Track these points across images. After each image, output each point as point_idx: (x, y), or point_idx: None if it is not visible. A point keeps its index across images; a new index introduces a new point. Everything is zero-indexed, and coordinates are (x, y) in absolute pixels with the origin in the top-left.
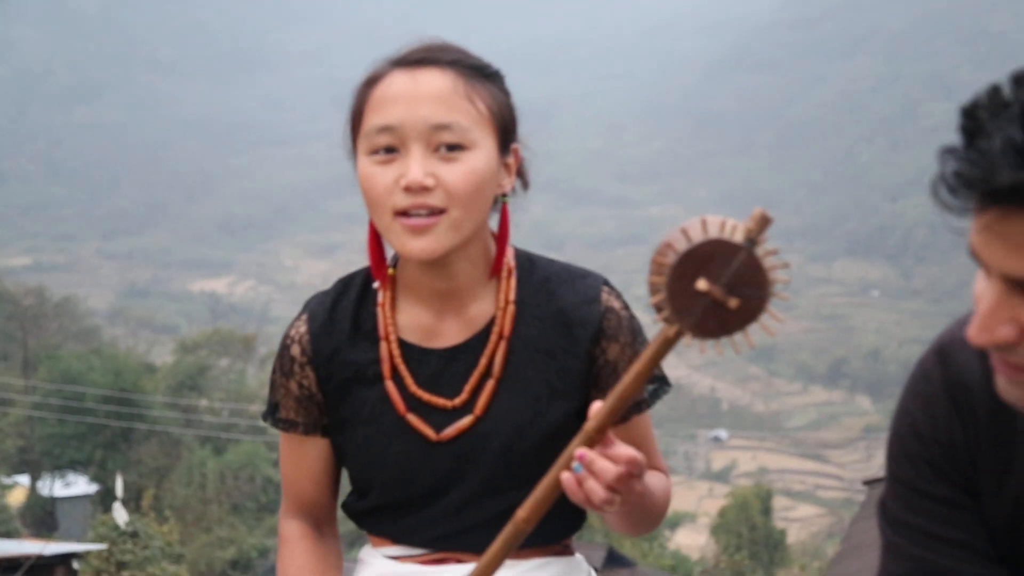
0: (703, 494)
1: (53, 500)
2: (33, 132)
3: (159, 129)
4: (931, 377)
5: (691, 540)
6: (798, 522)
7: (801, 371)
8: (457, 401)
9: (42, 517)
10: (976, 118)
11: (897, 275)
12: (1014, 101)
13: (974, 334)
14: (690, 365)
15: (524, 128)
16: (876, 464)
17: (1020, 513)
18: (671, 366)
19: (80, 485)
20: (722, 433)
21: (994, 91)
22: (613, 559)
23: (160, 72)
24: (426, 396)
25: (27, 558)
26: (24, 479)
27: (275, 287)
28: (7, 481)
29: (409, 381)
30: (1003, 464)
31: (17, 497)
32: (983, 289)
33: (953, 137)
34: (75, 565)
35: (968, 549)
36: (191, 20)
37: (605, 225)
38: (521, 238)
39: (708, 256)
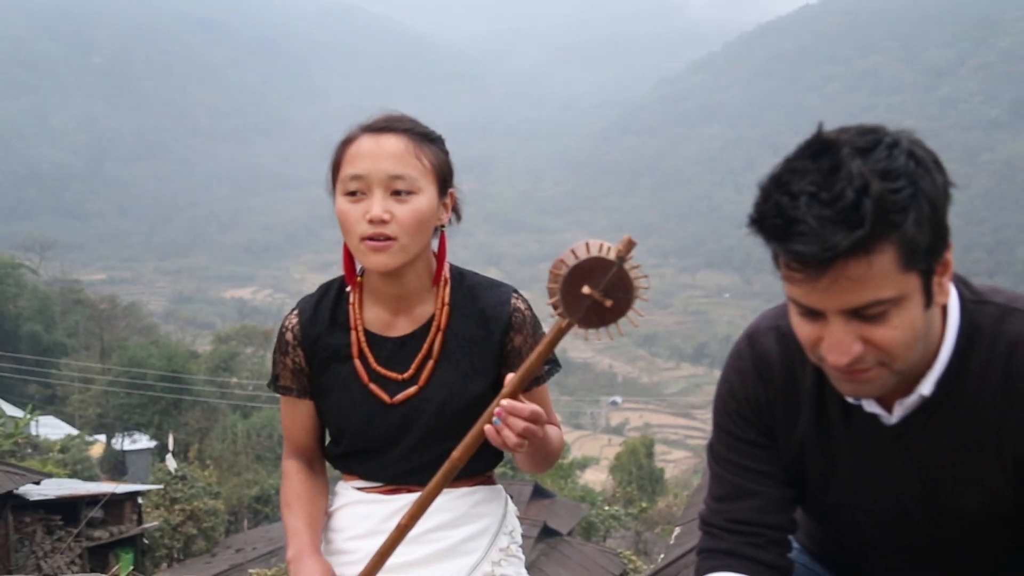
0: (604, 444)
1: (123, 453)
2: (107, 181)
3: (200, 178)
4: (743, 355)
5: (595, 478)
6: (673, 463)
7: (674, 352)
8: (406, 375)
9: (115, 465)
10: (783, 215)
11: (742, 282)
12: (800, 191)
13: (835, 359)
14: (593, 349)
15: (469, 176)
16: None
17: (804, 451)
18: (580, 350)
19: (143, 442)
20: (617, 399)
21: (783, 184)
22: (538, 492)
23: (200, 136)
24: (383, 371)
25: (104, 495)
26: (101, 437)
27: (287, 294)
28: (89, 439)
29: (371, 360)
30: (792, 416)
31: (96, 451)
32: (814, 330)
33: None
34: (140, 500)
35: (768, 476)
36: (223, 96)
37: (530, 247)
38: (469, 256)
39: (590, 269)
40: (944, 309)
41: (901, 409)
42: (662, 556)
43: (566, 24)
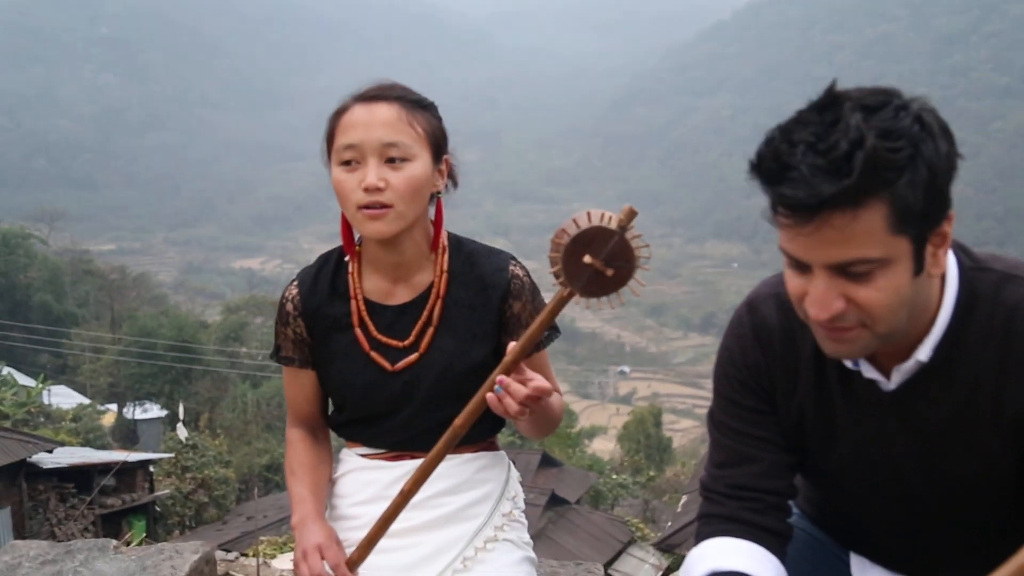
0: (612, 413)
1: (135, 422)
2: (116, 152)
3: (208, 149)
4: (743, 322)
5: (603, 446)
6: (680, 432)
7: (682, 322)
8: (406, 342)
9: (127, 434)
10: (779, 160)
11: (750, 252)
12: (799, 140)
13: (816, 313)
14: (601, 319)
15: (476, 146)
16: None
17: (803, 417)
18: (588, 320)
19: (154, 411)
20: (626, 368)
21: (787, 131)
22: (546, 460)
23: (209, 107)
24: (384, 339)
25: (116, 463)
26: (113, 406)
27: (295, 264)
28: (101, 408)
29: (372, 328)
30: (791, 383)
31: (108, 420)
32: (801, 284)
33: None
34: (151, 469)
35: (767, 442)
36: (231, 68)
37: (538, 217)
38: (476, 226)
39: (591, 238)
40: (942, 275)
41: (899, 375)
42: (670, 524)
43: None
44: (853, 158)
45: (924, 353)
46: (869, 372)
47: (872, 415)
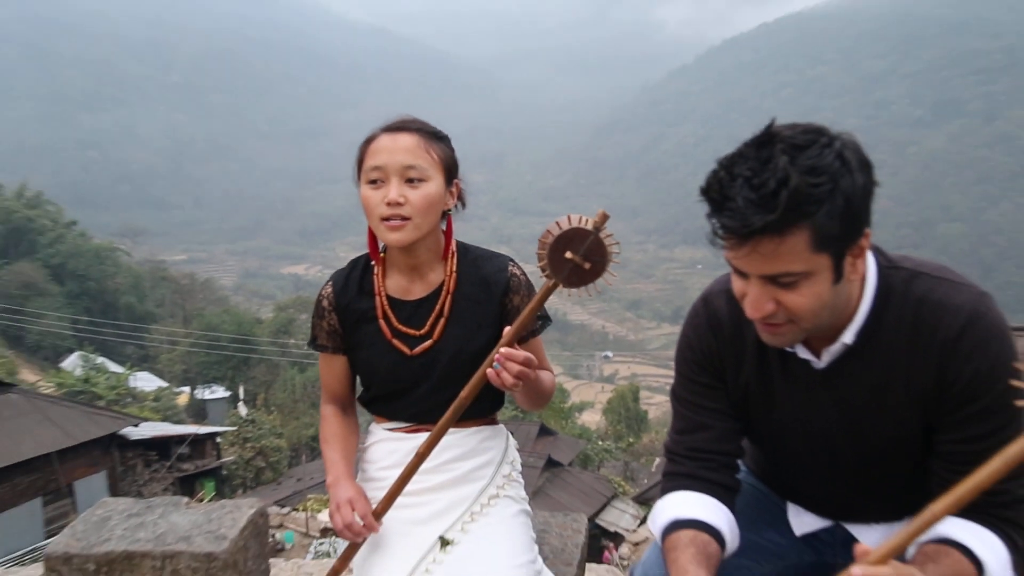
0: (598, 390)
1: (204, 401)
2: (185, 178)
3: (261, 174)
4: (699, 313)
5: (590, 419)
6: (655, 405)
7: (656, 314)
8: (423, 331)
9: (198, 411)
10: (722, 191)
11: (712, 256)
12: (738, 174)
13: (750, 312)
14: (589, 312)
15: (483, 169)
16: None
17: (748, 391)
18: (578, 313)
19: (219, 392)
20: (609, 353)
21: (729, 165)
22: (543, 431)
23: (260, 139)
24: (404, 328)
25: (190, 435)
26: (186, 389)
27: (334, 270)
28: (176, 390)
29: (393, 320)
30: (738, 363)
31: (183, 400)
32: (742, 286)
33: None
34: (218, 440)
35: (719, 412)
36: (279, 107)
37: (536, 228)
38: (484, 237)
39: (571, 238)
40: (863, 273)
41: (828, 355)
42: (646, 481)
43: (564, 42)
44: (779, 196)
45: (849, 337)
46: (803, 353)
47: (805, 389)
